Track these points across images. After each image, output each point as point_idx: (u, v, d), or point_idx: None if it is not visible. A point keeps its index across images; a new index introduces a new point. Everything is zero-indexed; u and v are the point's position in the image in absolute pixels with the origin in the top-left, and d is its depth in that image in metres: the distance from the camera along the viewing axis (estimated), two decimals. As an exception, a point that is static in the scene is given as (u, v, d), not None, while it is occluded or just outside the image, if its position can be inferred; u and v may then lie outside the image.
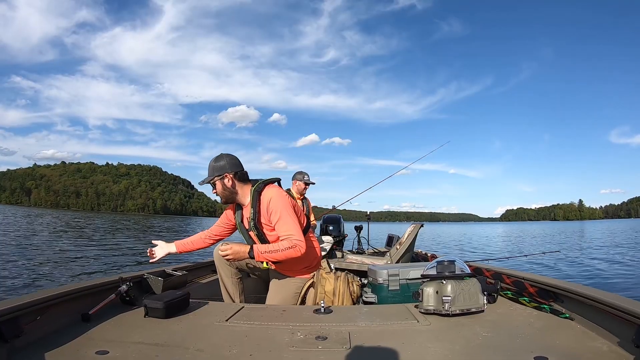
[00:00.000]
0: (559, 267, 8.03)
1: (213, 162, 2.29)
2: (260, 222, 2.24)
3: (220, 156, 2.31)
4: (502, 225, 66.36)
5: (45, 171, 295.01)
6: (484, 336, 1.42)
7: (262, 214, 2.22)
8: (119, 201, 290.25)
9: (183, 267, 2.64)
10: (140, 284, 2.12)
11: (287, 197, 2.29)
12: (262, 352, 1.31)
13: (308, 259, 2.33)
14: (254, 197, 2.24)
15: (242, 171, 2.31)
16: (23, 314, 1.37)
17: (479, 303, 1.71)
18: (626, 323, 1.25)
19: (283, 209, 2.18)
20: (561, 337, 1.38)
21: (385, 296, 2.28)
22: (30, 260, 8.17)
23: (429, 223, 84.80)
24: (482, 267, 2.38)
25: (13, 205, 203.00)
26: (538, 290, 1.82)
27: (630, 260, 9.08)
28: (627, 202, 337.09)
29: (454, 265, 1.80)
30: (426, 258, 3.64)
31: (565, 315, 1.57)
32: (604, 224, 76.79)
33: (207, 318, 1.72)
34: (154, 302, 1.71)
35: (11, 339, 1.29)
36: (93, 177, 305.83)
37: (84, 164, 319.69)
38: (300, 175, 4.30)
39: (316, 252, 2.46)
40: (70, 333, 1.46)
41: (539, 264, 8.18)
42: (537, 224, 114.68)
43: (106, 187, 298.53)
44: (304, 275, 2.35)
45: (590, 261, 8.86)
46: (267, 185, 2.31)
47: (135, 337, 1.46)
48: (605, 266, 8.05)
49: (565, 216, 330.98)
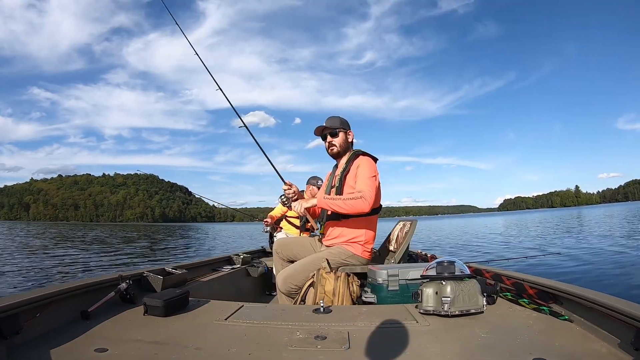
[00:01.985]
0: (559, 268, 8.03)
1: (338, 117, 2.57)
2: (345, 178, 2.44)
3: (344, 118, 2.59)
4: (500, 218, 66.26)
5: (42, 185, 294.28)
6: (483, 337, 1.41)
7: (351, 173, 2.42)
8: (117, 211, 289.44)
9: (183, 265, 2.65)
10: (140, 282, 2.12)
11: (376, 168, 2.45)
12: (261, 351, 1.31)
13: (365, 235, 2.48)
14: (351, 157, 2.49)
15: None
16: (22, 311, 1.37)
17: (478, 304, 1.70)
18: (625, 325, 1.25)
19: (369, 173, 2.35)
20: (560, 339, 1.37)
21: (384, 296, 2.26)
22: (30, 260, 8.14)
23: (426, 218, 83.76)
24: (481, 268, 2.37)
25: (12, 220, 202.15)
26: (537, 291, 1.81)
27: (628, 256, 9.08)
28: (624, 186, 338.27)
29: (453, 266, 1.79)
30: (426, 258, 3.62)
31: (565, 317, 1.57)
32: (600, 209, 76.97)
33: (207, 317, 1.71)
34: (153, 300, 1.72)
35: (11, 335, 1.29)
36: (90, 188, 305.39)
37: (81, 176, 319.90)
38: (314, 180, 4.37)
39: (372, 234, 2.57)
40: (69, 330, 1.46)
41: (538, 265, 8.18)
42: (535, 213, 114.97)
43: (104, 197, 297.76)
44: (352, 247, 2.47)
45: (589, 261, 8.86)
46: (365, 155, 2.51)
47: (135, 335, 1.46)
48: (603, 266, 8.04)
49: (562, 203, 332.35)
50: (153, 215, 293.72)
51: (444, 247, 15.23)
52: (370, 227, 2.52)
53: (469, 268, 1.90)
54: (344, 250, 2.48)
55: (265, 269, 3.65)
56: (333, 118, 2.55)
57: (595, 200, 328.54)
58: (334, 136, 2.51)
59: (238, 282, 3.27)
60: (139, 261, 10.23)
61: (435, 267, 1.83)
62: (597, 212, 43.98)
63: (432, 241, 17.42)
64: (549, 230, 21.39)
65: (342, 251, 2.48)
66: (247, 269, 3.50)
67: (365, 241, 2.50)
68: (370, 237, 2.53)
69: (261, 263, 3.71)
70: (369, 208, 2.25)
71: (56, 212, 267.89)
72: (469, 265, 2.23)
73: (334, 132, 2.50)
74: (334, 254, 2.46)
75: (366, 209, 2.25)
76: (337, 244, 2.52)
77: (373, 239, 2.57)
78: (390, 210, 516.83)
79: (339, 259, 2.45)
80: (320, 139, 2.64)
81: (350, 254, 2.47)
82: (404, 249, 3.24)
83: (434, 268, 1.83)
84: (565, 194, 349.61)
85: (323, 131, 2.54)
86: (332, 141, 2.52)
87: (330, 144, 2.53)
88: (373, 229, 2.54)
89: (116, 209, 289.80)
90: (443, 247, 15.11)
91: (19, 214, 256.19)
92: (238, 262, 3.55)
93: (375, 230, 2.57)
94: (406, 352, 1.29)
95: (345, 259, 2.46)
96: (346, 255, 2.46)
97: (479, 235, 20.99)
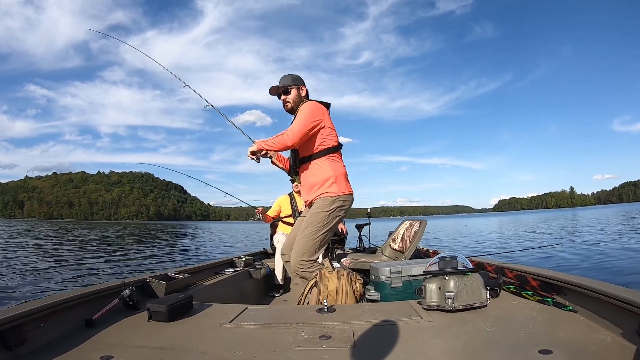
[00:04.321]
0: (561, 259, 8.07)
1: (290, 74, 2.68)
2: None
3: (296, 75, 2.70)
4: (495, 218, 66.48)
5: (37, 183, 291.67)
6: (488, 331, 1.42)
7: (295, 119, 2.53)
8: (112, 209, 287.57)
9: (185, 270, 2.65)
10: (143, 288, 2.12)
11: (318, 109, 2.54)
12: (266, 352, 1.31)
13: (334, 172, 2.55)
14: (299, 106, 2.61)
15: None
16: (26, 321, 1.37)
17: (481, 298, 1.70)
18: (629, 314, 1.26)
19: (303, 113, 2.49)
20: (565, 330, 1.38)
21: (388, 293, 2.27)
22: (31, 267, 8.10)
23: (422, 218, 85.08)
24: (484, 262, 2.38)
25: (6, 218, 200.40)
26: (541, 283, 1.82)
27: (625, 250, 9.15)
28: (618, 187, 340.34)
29: (456, 260, 1.80)
30: (428, 254, 3.63)
31: (569, 308, 1.58)
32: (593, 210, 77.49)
33: (211, 320, 1.71)
34: (157, 305, 1.71)
35: (15, 346, 1.28)
36: (85, 186, 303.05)
37: (76, 174, 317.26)
38: None
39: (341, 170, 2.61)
40: (74, 339, 1.46)
41: (540, 257, 8.21)
42: (529, 214, 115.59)
43: (99, 195, 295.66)
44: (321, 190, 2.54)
45: (591, 252, 8.92)
46: (310, 101, 2.63)
47: (139, 341, 1.45)
48: (605, 256, 8.09)
49: (557, 204, 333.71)
50: (148, 213, 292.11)
51: (445, 243, 15.29)
52: (333, 165, 2.56)
53: (471, 262, 1.91)
54: (322, 201, 2.52)
55: (268, 271, 3.65)
56: (285, 77, 2.67)
57: (589, 202, 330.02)
58: (286, 94, 2.64)
59: (241, 284, 3.27)
60: (139, 263, 10.17)
61: (438, 262, 1.84)
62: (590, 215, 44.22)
63: (433, 238, 17.46)
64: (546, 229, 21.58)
65: (322, 203, 2.52)
66: (250, 271, 3.50)
67: (335, 177, 2.53)
68: (340, 173, 2.58)
69: (263, 265, 3.71)
70: (291, 141, 2.42)
71: (50, 210, 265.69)
72: (471, 260, 2.24)
73: (286, 90, 2.63)
74: (317, 211, 2.50)
75: (289, 142, 2.43)
76: (313, 198, 2.57)
77: (344, 176, 2.61)
78: (386, 210, 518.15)
79: (323, 211, 2.50)
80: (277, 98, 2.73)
81: (330, 199, 2.51)
82: (413, 248, 3.26)
83: (437, 263, 1.84)
84: (560, 195, 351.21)
85: (277, 90, 2.65)
86: (286, 98, 2.64)
87: (285, 101, 2.65)
88: (338, 166, 2.59)
89: (111, 207, 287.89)
90: (444, 243, 15.16)
91: (13, 211, 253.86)
92: (240, 265, 3.55)
93: (343, 168, 2.64)
94: (411, 348, 1.29)
95: (331, 209, 2.50)
96: (329, 203, 2.50)
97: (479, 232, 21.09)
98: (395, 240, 3.64)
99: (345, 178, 2.61)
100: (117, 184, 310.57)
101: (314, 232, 2.47)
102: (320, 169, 2.55)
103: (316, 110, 2.51)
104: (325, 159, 2.55)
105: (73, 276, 7.28)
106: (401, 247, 3.46)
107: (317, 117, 2.49)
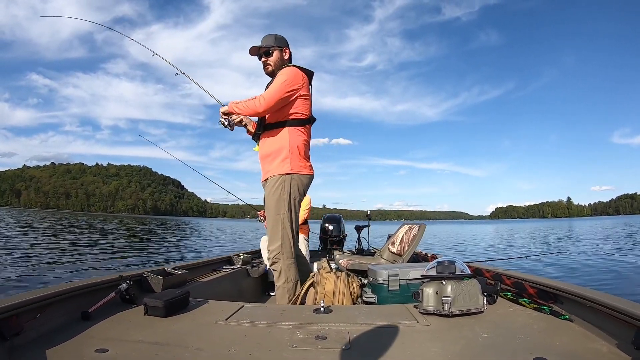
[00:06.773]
0: (559, 268, 8.08)
1: (273, 34, 2.50)
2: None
3: (280, 35, 2.52)
4: (492, 226, 66.56)
5: (34, 172, 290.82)
6: (484, 337, 1.42)
7: (272, 84, 2.37)
8: (109, 202, 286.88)
9: (183, 265, 2.64)
10: (140, 283, 2.11)
11: (298, 76, 2.37)
12: (261, 351, 1.31)
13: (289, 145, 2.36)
14: (279, 70, 2.43)
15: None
16: (23, 312, 1.37)
17: (478, 304, 1.71)
18: (626, 325, 1.26)
19: (281, 79, 2.32)
20: (561, 339, 1.38)
21: (385, 296, 2.28)
22: (28, 259, 8.06)
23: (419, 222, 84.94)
24: (482, 268, 2.38)
25: (3, 207, 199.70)
26: (538, 291, 1.82)
27: (625, 259, 9.18)
28: (615, 200, 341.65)
29: (454, 265, 1.80)
30: (426, 258, 3.64)
31: (565, 317, 1.57)
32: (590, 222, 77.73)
33: (207, 317, 1.71)
34: (153, 300, 1.71)
35: (11, 337, 1.28)
36: (83, 178, 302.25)
37: (74, 165, 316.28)
38: None
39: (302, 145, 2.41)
40: (70, 331, 1.46)
41: (539, 265, 8.22)
42: (526, 222, 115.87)
43: (96, 187, 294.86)
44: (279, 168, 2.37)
45: (588, 262, 8.94)
46: (293, 65, 2.45)
47: (135, 336, 1.45)
48: (602, 267, 8.11)
49: (553, 214, 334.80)
50: (144, 207, 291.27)
51: (444, 248, 15.31)
52: (293, 136, 2.38)
53: (469, 268, 1.91)
54: (272, 181, 2.37)
55: (265, 269, 3.64)
56: (268, 36, 2.49)
57: (586, 213, 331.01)
58: (268, 55, 2.46)
59: (238, 282, 3.26)
60: (135, 255, 10.14)
61: (436, 267, 1.84)
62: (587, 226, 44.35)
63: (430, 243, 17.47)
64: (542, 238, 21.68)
65: (271, 183, 2.38)
66: (247, 269, 3.50)
67: (291, 150, 2.36)
68: (298, 145, 2.39)
69: (261, 263, 3.70)
70: (263, 108, 2.28)
71: (47, 200, 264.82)
72: (469, 265, 2.24)
73: (268, 52, 2.45)
74: (268, 196, 2.38)
75: (260, 109, 2.28)
76: (267, 177, 2.42)
77: (303, 152, 2.43)
78: (382, 213, 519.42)
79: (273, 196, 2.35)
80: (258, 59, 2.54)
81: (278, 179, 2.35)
82: (411, 252, 3.27)
83: (435, 268, 1.84)
84: (557, 205, 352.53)
85: (259, 51, 2.48)
86: (267, 60, 2.46)
87: (265, 63, 2.47)
88: (298, 139, 2.40)
89: (108, 199, 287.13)
90: (442, 248, 15.17)
91: (10, 200, 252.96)
92: (238, 263, 3.55)
93: (305, 143, 2.44)
94: (406, 351, 1.29)
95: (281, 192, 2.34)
96: (278, 184, 2.35)
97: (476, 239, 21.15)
98: (394, 243, 3.64)
99: (304, 154, 2.43)
100: (115, 176, 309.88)
101: (270, 220, 2.38)
102: (278, 139, 2.38)
103: (295, 77, 2.34)
104: (288, 129, 2.38)
105: (70, 268, 7.25)
106: (400, 250, 3.47)
107: (295, 85, 2.33)
